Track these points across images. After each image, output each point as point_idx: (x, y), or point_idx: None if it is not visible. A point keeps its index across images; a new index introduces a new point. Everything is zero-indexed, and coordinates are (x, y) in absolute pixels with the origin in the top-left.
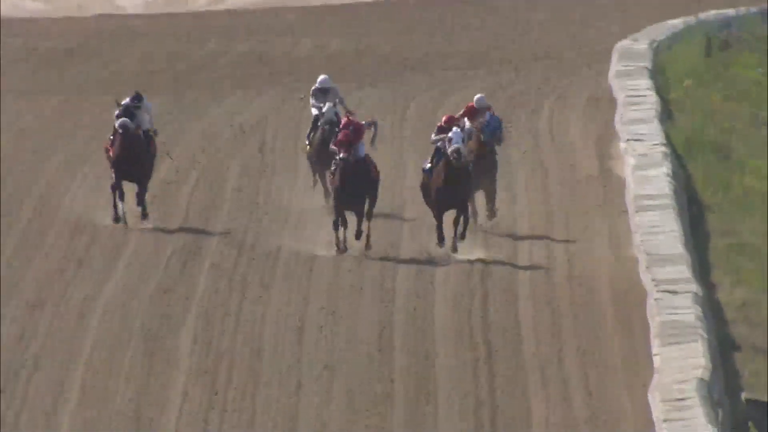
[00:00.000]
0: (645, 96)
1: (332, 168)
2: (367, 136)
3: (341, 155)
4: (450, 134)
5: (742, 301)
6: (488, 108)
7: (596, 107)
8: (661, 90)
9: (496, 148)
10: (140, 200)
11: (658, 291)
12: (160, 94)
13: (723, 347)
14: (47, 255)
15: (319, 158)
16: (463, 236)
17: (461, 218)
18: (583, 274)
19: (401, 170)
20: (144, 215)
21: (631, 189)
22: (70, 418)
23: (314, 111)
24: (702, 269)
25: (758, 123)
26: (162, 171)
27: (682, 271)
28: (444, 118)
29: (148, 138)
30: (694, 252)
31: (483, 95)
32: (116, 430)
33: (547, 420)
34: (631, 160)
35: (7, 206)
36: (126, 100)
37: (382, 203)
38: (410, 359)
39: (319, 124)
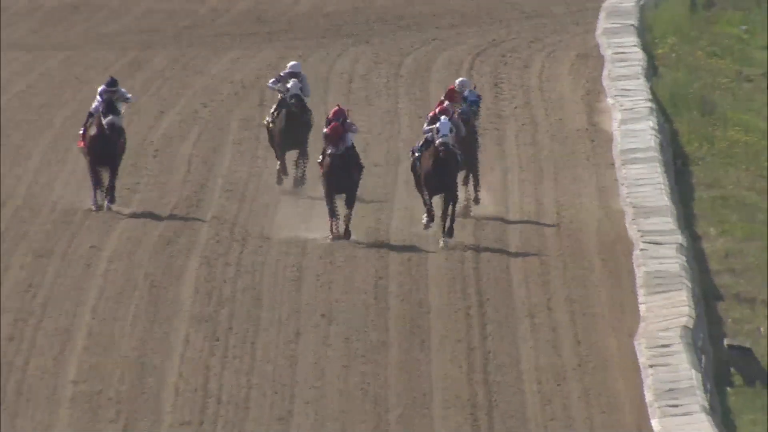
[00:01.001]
0: (631, 53)
1: (320, 159)
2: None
3: (330, 150)
4: (438, 124)
5: (726, 251)
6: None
7: (584, 64)
8: (647, 47)
9: (477, 130)
10: (111, 185)
11: (643, 242)
12: (162, 50)
13: (706, 296)
14: (54, 205)
15: (285, 139)
16: (450, 232)
17: (450, 207)
18: (572, 226)
19: (396, 123)
20: (112, 199)
21: (618, 143)
22: (77, 364)
23: (278, 94)
24: (686, 220)
25: (741, 78)
26: (164, 125)
27: (667, 222)
28: (437, 108)
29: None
30: (678, 204)
31: (465, 79)
32: (121, 376)
33: (536, 365)
34: (617, 115)
35: (16, 158)
36: (102, 87)
37: (378, 155)
38: (404, 307)
39: (284, 106)
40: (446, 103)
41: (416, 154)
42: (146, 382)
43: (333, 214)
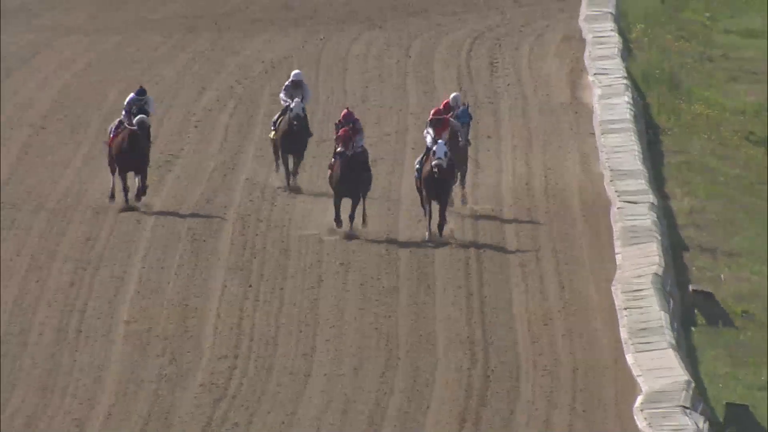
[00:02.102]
0: (609, 36)
1: (332, 160)
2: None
3: (339, 149)
4: (435, 147)
5: (690, 209)
6: (463, 104)
7: (568, 46)
8: (622, 31)
9: (469, 137)
10: (142, 184)
11: (620, 201)
12: (203, 33)
13: (674, 247)
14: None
15: (284, 146)
16: (440, 230)
17: (441, 211)
18: (558, 187)
19: (405, 98)
20: (143, 193)
21: (598, 115)
22: (129, 306)
23: (283, 103)
24: (657, 182)
25: (704, 59)
26: (204, 99)
27: (640, 183)
28: (432, 111)
29: (149, 133)
30: (650, 168)
31: (459, 94)
32: (167, 317)
33: (526, 308)
34: (597, 91)
35: (77, 125)
36: (132, 95)
37: (389, 125)
38: (412, 258)
39: (288, 116)
40: (433, 110)
41: (417, 167)
42: (189, 322)
43: (338, 216)
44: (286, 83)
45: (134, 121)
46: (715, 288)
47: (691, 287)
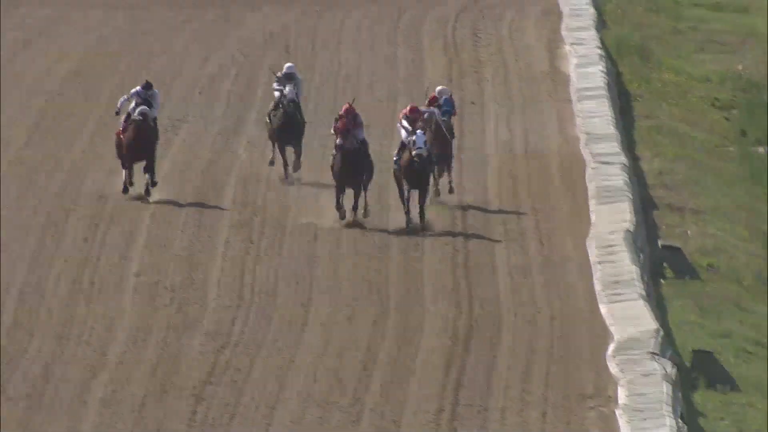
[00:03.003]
0: (585, 9)
1: (333, 152)
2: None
3: (339, 141)
4: (414, 137)
5: (660, 170)
6: (449, 98)
7: (547, 18)
8: (597, 4)
9: (452, 127)
10: (151, 176)
11: (594, 162)
12: (211, 7)
13: (644, 205)
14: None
15: (280, 136)
16: (421, 219)
17: (422, 200)
18: (537, 150)
19: (395, 64)
20: (153, 184)
21: (574, 82)
22: (139, 258)
23: (276, 94)
24: (629, 145)
25: (673, 31)
26: (208, 67)
27: (613, 146)
28: (408, 108)
29: (155, 126)
30: (622, 131)
31: (445, 87)
32: (175, 270)
33: (508, 262)
34: (574, 60)
35: (91, 93)
36: (137, 88)
37: (381, 92)
38: (403, 217)
39: (281, 103)
40: (431, 109)
41: (395, 159)
42: (194, 275)
43: (339, 205)
44: (278, 74)
45: (137, 112)
46: (682, 243)
47: (660, 242)
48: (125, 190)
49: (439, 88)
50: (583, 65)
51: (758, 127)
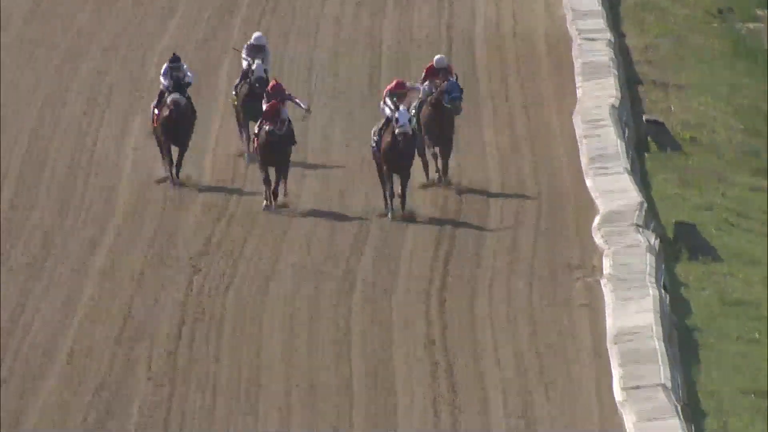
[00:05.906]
0: None
1: (256, 131)
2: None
3: (267, 127)
4: (397, 114)
5: (645, 46)
6: (448, 68)
7: None
8: None
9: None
10: (179, 161)
11: (581, 38)
12: None
13: (629, 81)
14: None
15: (246, 110)
16: (403, 203)
17: (403, 185)
18: (525, 29)
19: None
20: (178, 173)
21: None
22: (137, 136)
23: (245, 64)
24: (614, 21)
25: None
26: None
27: (599, 23)
28: (393, 83)
29: (191, 103)
30: (608, 8)
31: (442, 56)
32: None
33: (496, 144)
34: None
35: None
36: (165, 65)
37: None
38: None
39: (248, 79)
40: (425, 84)
41: (375, 138)
42: (190, 153)
43: (267, 182)
44: (247, 44)
45: (168, 100)
46: (665, 117)
47: (644, 117)
48: (167, 178)
49: (436, 57)
50: None
51: (741, 3)
